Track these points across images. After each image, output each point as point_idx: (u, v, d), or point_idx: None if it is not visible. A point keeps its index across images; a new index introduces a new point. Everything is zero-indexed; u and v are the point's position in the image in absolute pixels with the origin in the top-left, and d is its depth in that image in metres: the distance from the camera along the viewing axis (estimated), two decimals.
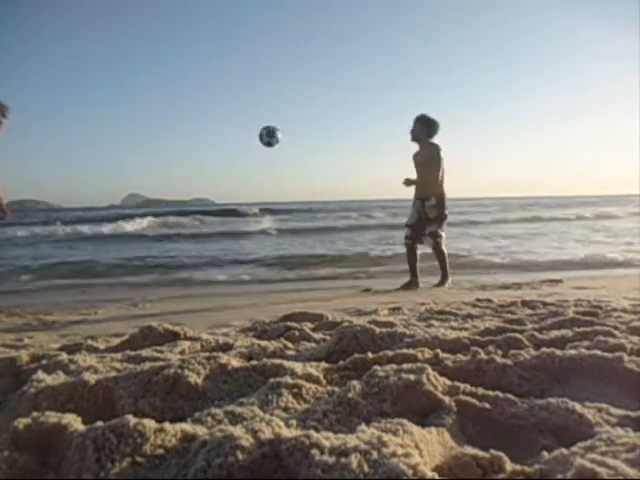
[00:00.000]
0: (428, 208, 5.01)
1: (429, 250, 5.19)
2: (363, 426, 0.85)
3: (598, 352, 1.28)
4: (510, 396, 1.05)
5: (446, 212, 5.08)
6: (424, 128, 5.04)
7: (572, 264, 7.05)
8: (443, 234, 5.10)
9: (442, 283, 5.08)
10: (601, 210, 24.92)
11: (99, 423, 0.84)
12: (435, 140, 5.09)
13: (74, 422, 0.89)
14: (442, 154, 5.01)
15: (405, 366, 1.16)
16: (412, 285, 5.05)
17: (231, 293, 5.11)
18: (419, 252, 5.18)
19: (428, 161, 4.99)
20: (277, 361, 1.34)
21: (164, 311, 3.69)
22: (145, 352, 1.61)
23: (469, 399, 1.04)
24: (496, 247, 9.79)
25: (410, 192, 5.19)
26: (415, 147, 5.20)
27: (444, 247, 5.11)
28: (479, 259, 7.75)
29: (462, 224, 16.37)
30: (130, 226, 18.35)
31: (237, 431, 0.78)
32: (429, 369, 1.14)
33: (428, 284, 5.06)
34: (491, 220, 19.49)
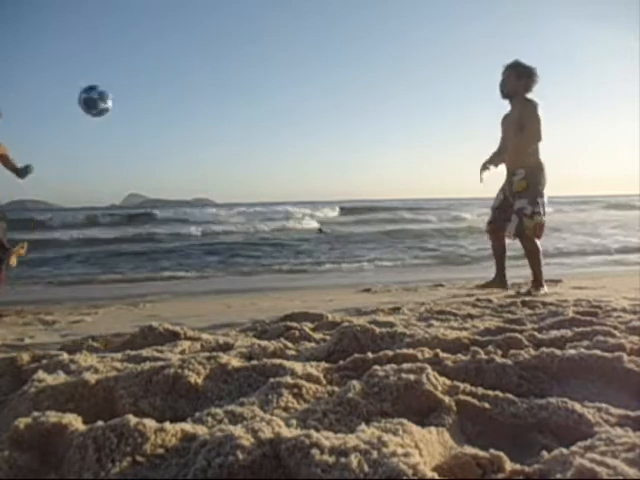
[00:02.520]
0: (516, 182, 3.82)
1: (510, 239, 3.96)
2: (363, 426, 0.85)
3: (598, 352, 1.28)
4: (510, 396, 1.05)
5: (542, 188, 3.79)
6: (521, 80, 3.79)
7: None
8: (539, 218, 3.75)
9: (531, 291, 3.73)
10: None
11: (99, 423, 0.84)
12: (531, 95, 3.85)
13: (74, 422, 0.89)
14: (540, 113, 3.76)
15: (405, 366, 1.16)
16: (495, 283, 4.05)
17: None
18: (508, 242, 4.04)
19: (522, 122, 3.79)
20: (277, 361, 1.34)
21: (164, 311, 3.69)
22: (145, 352, 1.61)
23: (469, 399, 1.04)
24: None
25: (413, 192, 4.80)
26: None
27: (537, 239, 3.80)
28: None
29: None
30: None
31: (237, 431, 0.78)
32: (429, 369, 1.14)
33: (429, 282, 5.03)
34: None
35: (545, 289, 3.82)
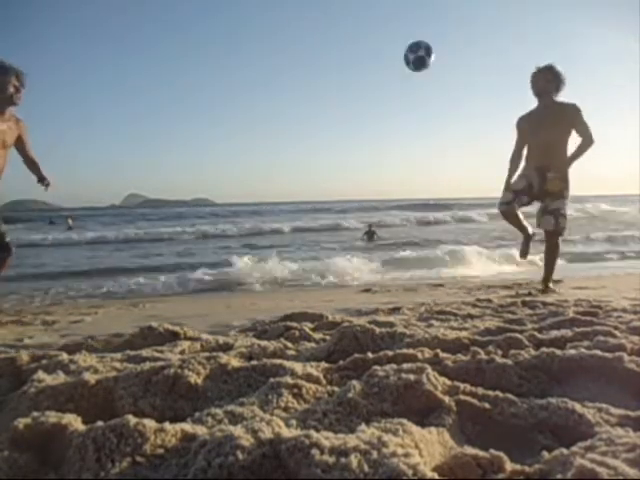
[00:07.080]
0: (552, 181, 3.86)
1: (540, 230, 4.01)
2: (363, 426, 0.85)
3: (598, 352, 1.28)
4: (510, 396, 1.05)
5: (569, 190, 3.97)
6: (552, 82, 3.96)
7: None
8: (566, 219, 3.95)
9: (544, 290, 3.92)
10: None
11: (99, 423, 0.84)
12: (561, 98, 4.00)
13: (74, 422, 0.89)
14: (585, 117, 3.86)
15: (405, 366, 1.16)
16: (529, 239, 4.17)
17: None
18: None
19: (573, 125, 3.86)
20: (277, 361, 1.34)
21: (164, 311, 3.69)
22: (145, 352, 1.61)
23: (469, 399, 1.04)
24: None
25: (411, 193, 4.76)
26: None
27: (560, 239, 3.99)
28: None
29: None
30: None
31: (237, 431, 0.78)
32: (429, 369, 1.14)
33: (428, 282, 5.03)
34: None
35: (553, 286, 3.98)
